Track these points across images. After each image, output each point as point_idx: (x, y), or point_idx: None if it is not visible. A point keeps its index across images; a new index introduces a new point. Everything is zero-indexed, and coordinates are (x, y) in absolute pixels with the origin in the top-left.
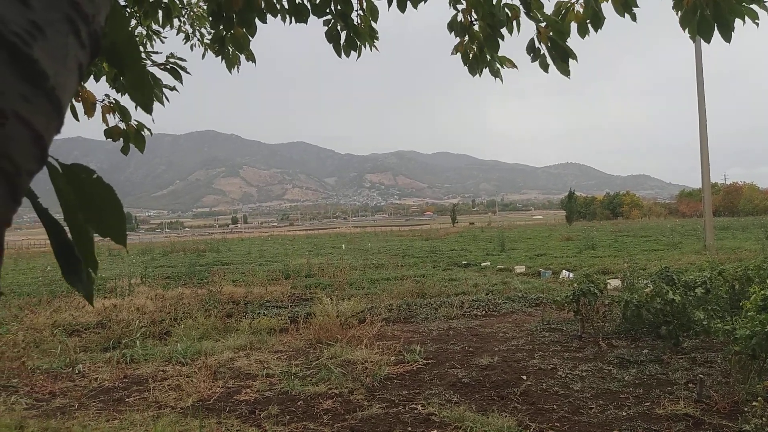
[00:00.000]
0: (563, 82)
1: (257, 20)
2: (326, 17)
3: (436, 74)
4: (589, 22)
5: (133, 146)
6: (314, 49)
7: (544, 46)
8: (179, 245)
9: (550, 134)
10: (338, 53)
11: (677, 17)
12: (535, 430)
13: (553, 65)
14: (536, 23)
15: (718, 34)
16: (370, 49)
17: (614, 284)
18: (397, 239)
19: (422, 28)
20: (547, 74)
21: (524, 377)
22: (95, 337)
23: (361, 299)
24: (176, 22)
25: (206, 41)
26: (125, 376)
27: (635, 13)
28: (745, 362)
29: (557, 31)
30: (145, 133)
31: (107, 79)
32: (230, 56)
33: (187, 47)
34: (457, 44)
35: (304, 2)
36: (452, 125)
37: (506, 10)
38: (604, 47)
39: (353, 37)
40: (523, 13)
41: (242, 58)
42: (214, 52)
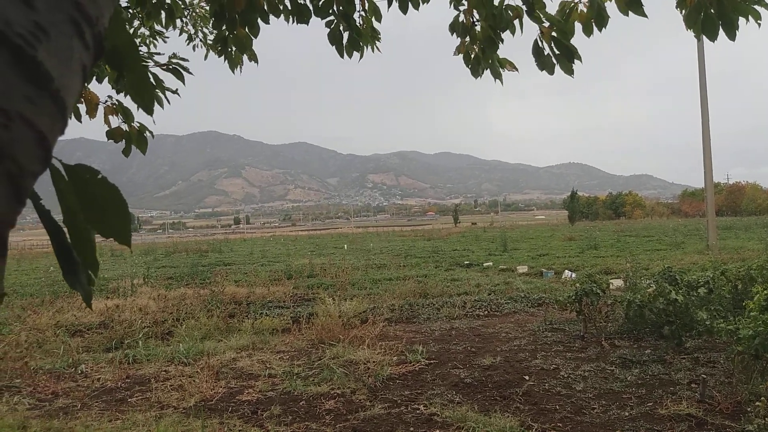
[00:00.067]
0: (564, 82)
1: (260, 21)
2: (329, 18)
3: (437, 74)
4: (593, 21)
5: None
6: (316, 49)
7: (547, 46)
8: (182, 246)
9: (551, 134)
10: (341, 54)
11: (679, 17)
12: (537, 430)
13: (558, 66)
14: (539, 24)
15: (722, 33)
16: (372, 49)
17: (617, 284)
18: (399, 239)
19: (423, 28)
20: (549, 74)
21: (527, 377)
22: (98, 337)
23: (363, 299)
24: (179, 22)
25: (209, 42)
26: (128, 376)
27: (644, 9)
28: (748, 362)
29: (561, 30)
30: (147, 134)
31: (110, 80)
32: (233, 57)
33: (189, 48)
34: (458, 45)
35: (306, 3)
36: (454, 125)
37: (508, 11)
38: (604, 47)
39: (356, 37)
40: (525, 13)
41: (245, 58)
42: (216, 52)
